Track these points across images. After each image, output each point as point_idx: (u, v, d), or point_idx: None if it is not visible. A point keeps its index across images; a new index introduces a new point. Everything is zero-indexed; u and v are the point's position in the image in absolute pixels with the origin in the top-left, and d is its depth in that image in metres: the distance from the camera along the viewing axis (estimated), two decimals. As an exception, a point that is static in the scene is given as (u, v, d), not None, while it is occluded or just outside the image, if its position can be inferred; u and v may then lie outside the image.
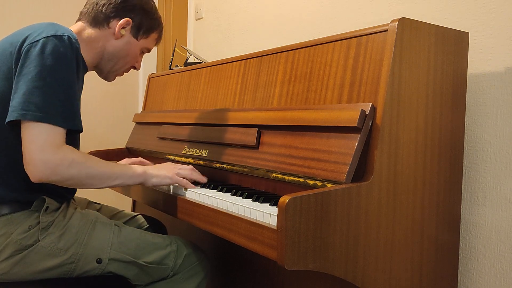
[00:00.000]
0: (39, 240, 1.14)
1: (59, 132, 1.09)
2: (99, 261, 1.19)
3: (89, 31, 1.31)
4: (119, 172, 1.19)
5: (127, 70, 1.44)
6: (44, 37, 1.10)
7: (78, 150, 1.27)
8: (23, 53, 1.10)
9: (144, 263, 1.23)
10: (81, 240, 1.18)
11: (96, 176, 1.15)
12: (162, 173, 1.27)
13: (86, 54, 1.29)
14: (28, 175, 1.07)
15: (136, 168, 1.24)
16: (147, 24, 1.37)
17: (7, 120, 1.08)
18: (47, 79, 1.08)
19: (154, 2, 1.42)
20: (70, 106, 1.12)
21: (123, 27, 1.32)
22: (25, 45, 1.11)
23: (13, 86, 1.10)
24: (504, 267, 1.22)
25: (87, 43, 1.30)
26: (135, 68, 1.44)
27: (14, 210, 1.14)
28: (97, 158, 1.18)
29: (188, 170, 1.33)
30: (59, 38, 1.11)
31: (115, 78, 1.43)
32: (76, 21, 1.34)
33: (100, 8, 1.31)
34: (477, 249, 1.27)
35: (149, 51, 1.44)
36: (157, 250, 1.26)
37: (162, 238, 1.30)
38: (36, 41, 1.10)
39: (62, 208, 1.20)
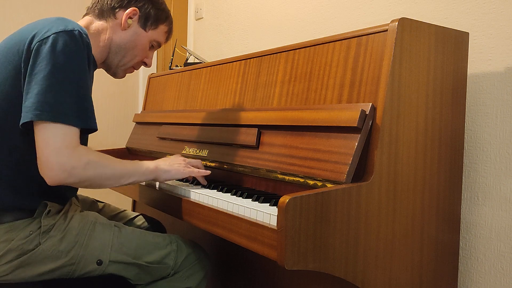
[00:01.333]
0: (40, 244, 1.13)
1: (73, 132, 1.05)
2: (99, 262, 1.18)
3: (96, 24, 1.29)
4: (132, 170, 1.18)
5: (137, 66, 1.39)
6: (54, 33, 1.06)
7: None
8: (33, 51, 1.05)
9: (144, 263, 1.23)
10: (81, 242, 1.17)
11: (112, 176, 1.13)
12: (174, 167, 1.27)
13: (94, 48, 1.26)
14: (44, 178, 1.04)
15: (148, 165, 1.23)
16: (155, 15, 1.33)
17: (21, 121, 1.04)
18: (59, 77, 1.04)
19: None
20: (84, 104, 1.08)
21: (130, 17, 1.30)
22: (34, 42, 1.06)
23: (25, 86, 1.05)
24: (504, 267, 1.22)
25: (94, 37, 1.27)
26: (145, 64, 1.39)
27: (17, 218, 1.12)
28: (110, 156, 1.16)
29: (198, 161, 1.36)
30: (69, 33, 1.07)
31: (125, 75, 1.39)
32: (83, 16, 1.32)
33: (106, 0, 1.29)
34: (477, 249, 1.27)
35: (159, 45, 1.40)
36: (157, 250, 1.26)
37: (162, 238, 1.30)
38: (46, 37, 1.06)
39: (64, 210, 1.19)
